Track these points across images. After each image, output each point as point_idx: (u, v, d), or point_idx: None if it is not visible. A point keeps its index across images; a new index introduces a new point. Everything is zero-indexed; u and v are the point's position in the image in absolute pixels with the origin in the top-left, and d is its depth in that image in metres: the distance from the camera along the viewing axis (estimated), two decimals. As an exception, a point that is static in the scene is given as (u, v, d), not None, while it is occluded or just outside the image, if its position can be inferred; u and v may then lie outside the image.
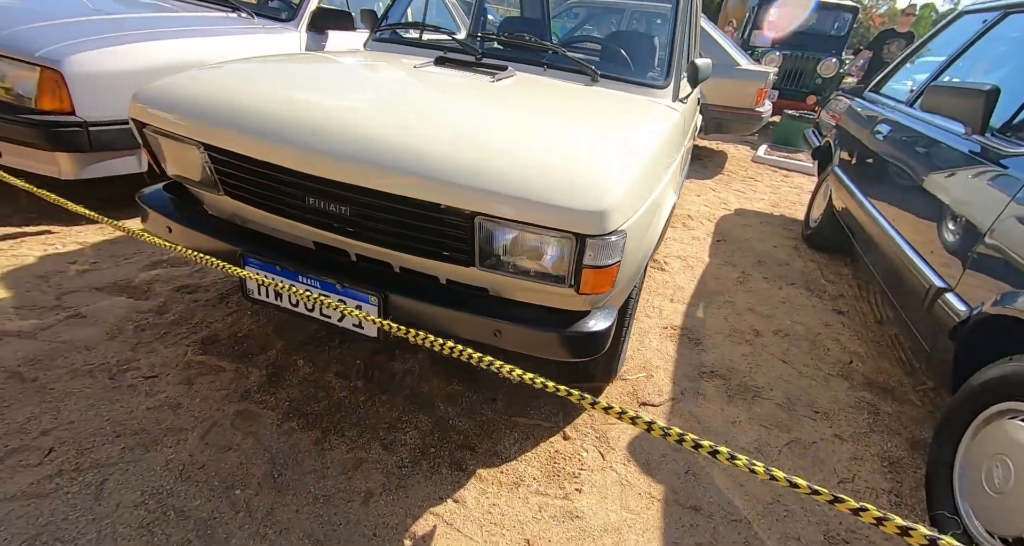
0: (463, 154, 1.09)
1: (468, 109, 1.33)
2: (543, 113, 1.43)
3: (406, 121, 1.20)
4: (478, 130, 1.20)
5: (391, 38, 2.11)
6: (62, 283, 1.83)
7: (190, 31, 2.33)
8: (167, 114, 1.26)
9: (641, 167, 1.19)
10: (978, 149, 1.66)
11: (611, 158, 1.17)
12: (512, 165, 1.08)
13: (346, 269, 1.29)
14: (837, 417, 1.78)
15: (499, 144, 1.14)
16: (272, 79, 1.44)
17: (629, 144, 1.26)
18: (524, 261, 1.12)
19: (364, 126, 1.15)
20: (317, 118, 1.18)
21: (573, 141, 1.23)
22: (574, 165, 1.10)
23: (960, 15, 2.71)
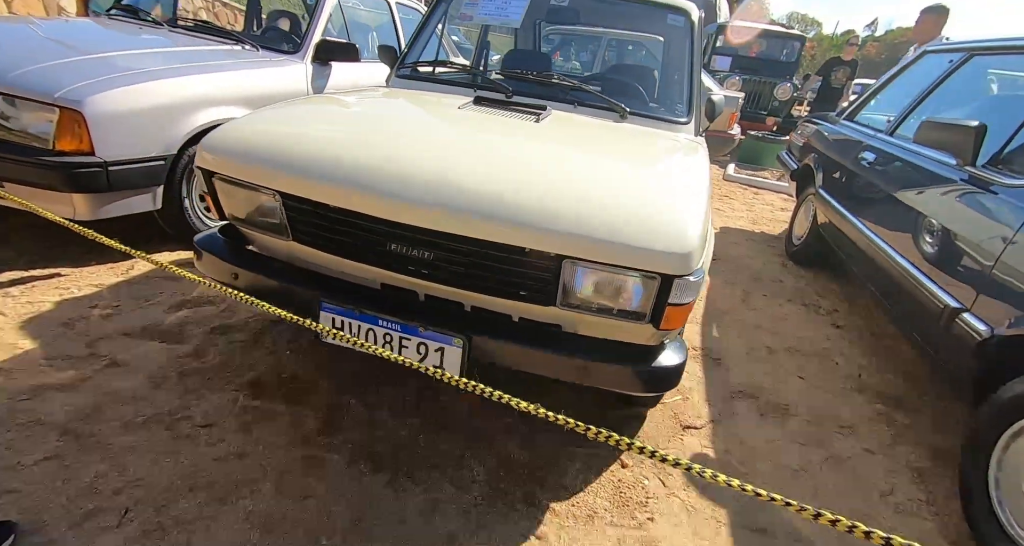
0: (550, 200, 1.15)
1: (533, 152, 1.39)
2: (597, 153, 1.50)
3: (485, 167, 1.24)
4: (553, 175, 1.26)
5: (413, 75, 2.16)
6: (88, 330, 1.76)
7: (202, 67, 2.31)
8: (242, 164, 1.27)
9: (704, 205, 1.27)
10: (971, 179, 1.85)
11: (683, 199, 1.25)
12: (597, 209, 1.14)
13: (417, 309, 1.32)
14: (861, 430, 1.90)
15: (579, 189, 1.20)
16: (338, 122, 1.47)
17: (690, 184, 1.35)
18: (606, 300, 1.18)
19: (450, 173, 1.19)
20: (402, 166, 1.21)
21: (640, 182, 1.31)
22: (654, 208, 1.18)
23: (923, 54, 3.00)
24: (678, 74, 2.18)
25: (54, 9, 6.34)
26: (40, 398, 1.44)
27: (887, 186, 2.35)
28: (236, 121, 1.41)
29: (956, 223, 1.79)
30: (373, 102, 1.79)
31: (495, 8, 2.16)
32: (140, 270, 2.19)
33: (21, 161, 1.82)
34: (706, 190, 1.36)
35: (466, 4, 2.20)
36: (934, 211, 1.93)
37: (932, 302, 1.76)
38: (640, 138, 1.76)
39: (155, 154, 2.09)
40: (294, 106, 1.61)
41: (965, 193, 1.83)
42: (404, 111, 1.70)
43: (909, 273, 1.97)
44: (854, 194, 2.73)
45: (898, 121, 2.72)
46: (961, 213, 1.79)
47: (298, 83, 2.76)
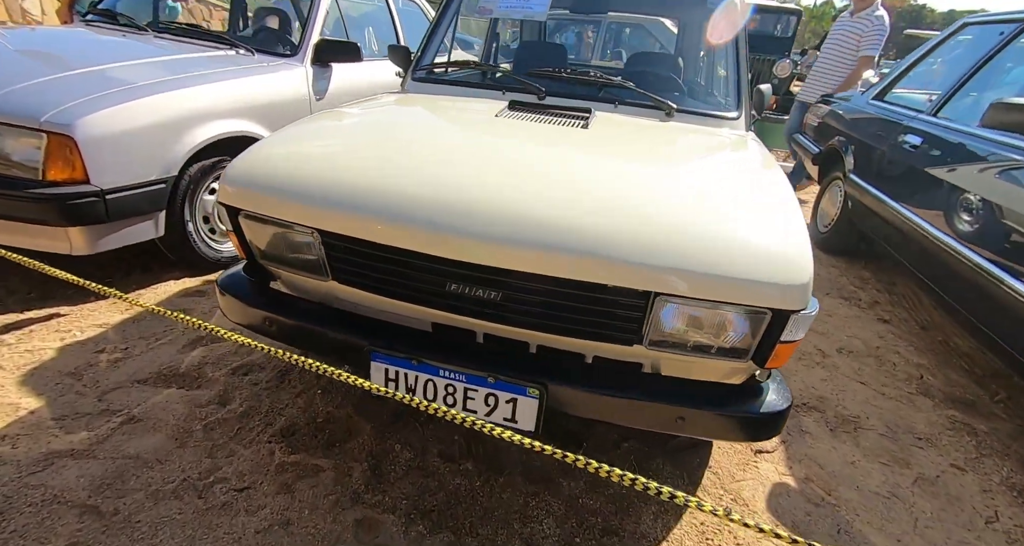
0: (638, 229, 0.99)
1: (597, 168, 1.22)
2: (665, 164, 1.34)
3: (555, 191, 1.07)
4: (631, 196, 1.09)
5: (430, 78, 1.97)
6: (98, 379, 1.59)
7: (198, 77, 2.10)
8: (275, 199, 1.09)
9: (804, 222, 1.11)
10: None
11: (782, 217, 1.09)
12: (692, 237, 0.98)
13: (475, 352, 1.16)
14: (941, 442, 1.77)
15: (664, 212, 1.04)
16: (374, 142, 1.28)
17: (780, 196, 1.19)
18: (703, 338, 1.02)
19: (520, 203, 1.02)
20: (461, 196, 1.04)
21: (728, 199, 1.14)
22: (756, 232, 1.02)
23: (964, 26, 2.82)
24: (722, 63, 2.00)
25: (17, 12, 6.02)
26: (53, 469, 1.27)
27: (946, 174, 2.19)
28: (261, 147, 1.23)
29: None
30: (401, 114, 1.60)
31: (517, 1, 1.97)
32: (146, 303, 2.00)
33: (6, 194, 1.63)
34: (796, 201, 1.20)
35: (485, -4, 2.00)
36: (1015, 202, 1.77)
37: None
38: (699, 141, 1.59)
39: (155, 177, 1.90)
40: (319, 125, 1.42)
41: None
42: (439, 124, 1.51)
43: (990, 273, 1.82)
44: (901, 181, 2.57)
45: (942, 100, 2.56)
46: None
47: (299, 88, 2.56)
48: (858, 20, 3.70)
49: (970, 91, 2.52)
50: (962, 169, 2.13)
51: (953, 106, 2.50)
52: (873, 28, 3.65)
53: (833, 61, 3.81)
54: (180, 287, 2.14)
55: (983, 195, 1.95)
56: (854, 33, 3.71)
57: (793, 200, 1.20)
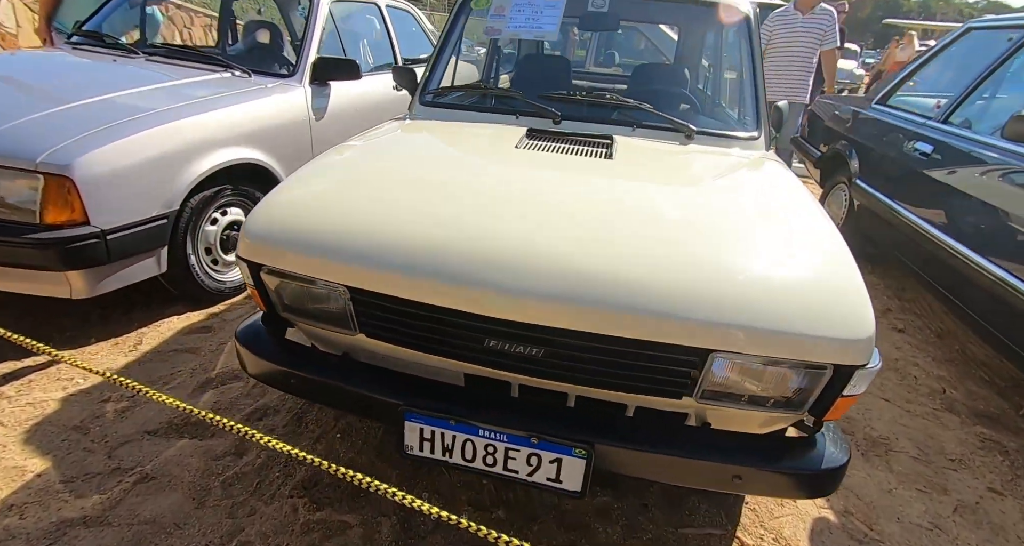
0: (691, 281, 0.93)
1: (634, 209, 1.16)
2: (701, 200, 1.27)
3: (597, 239, 1.02)
4: (671, 241, 1.04)
5: (438, 102, 1.91)
6: (106, 433, 1.51)
7: (196, 105, 2.02)
8: (301, 255, 1.03)
9: (854, 263, 1.07)
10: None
11: (835, 261, 1.04)
12: (748, 289, 0.93)
13: (512, 406, 1.11)
14: (974, 463, 1.74)
15: (715, 260, 0.99)
16: (396, 183, 1.21)
17: (826, 232, 1.14)
18: (759, 391, 0.98)
19: (565, 256, 0.97)
20: (501, 248, 0.98)
21: (776, 240, 1.09)
22: (812, 280, 0.97)
23: (967, 30, 2.80)
24: (737, 82, 1.96)
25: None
26: (65, 540, 1.20)
27: (964, 183, 2.17)
28: (280, 196, 1.16)
29: None
30: (418, 149, 1.52)
31: (526, 20, 1.91)
32: (150, 343, 1.93)
33: (3, 241, 1.54)
34: (839, 235, 1.15)
35: (492, 17, 1.94)
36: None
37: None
38: (726, 168, 1.54)
39: (156, 213, 1.82)
40: (336, 166, 1.35)
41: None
42: (460, 159, 1.44)
43: (1010, 284, 1.79)
44: (913, 189, 2.54)
45: (951, 107, 2.54)
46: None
47: (298, 109, 2.48)
48: (812, 17, 3.81)
49: (979, 97, 2.50)
50: (981, 179, 2.11)
51: (963, 113, 2.48)
52: (831, 23, 3.82)
53: (800, 59, 3.88)
54: (184, 323, 2.06)
55: (1003, 206, 1.93)
56: (815, 30, 3.81)
57: (837, 235, 1.15)
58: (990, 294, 1.91)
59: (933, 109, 2.69)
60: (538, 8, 1.92)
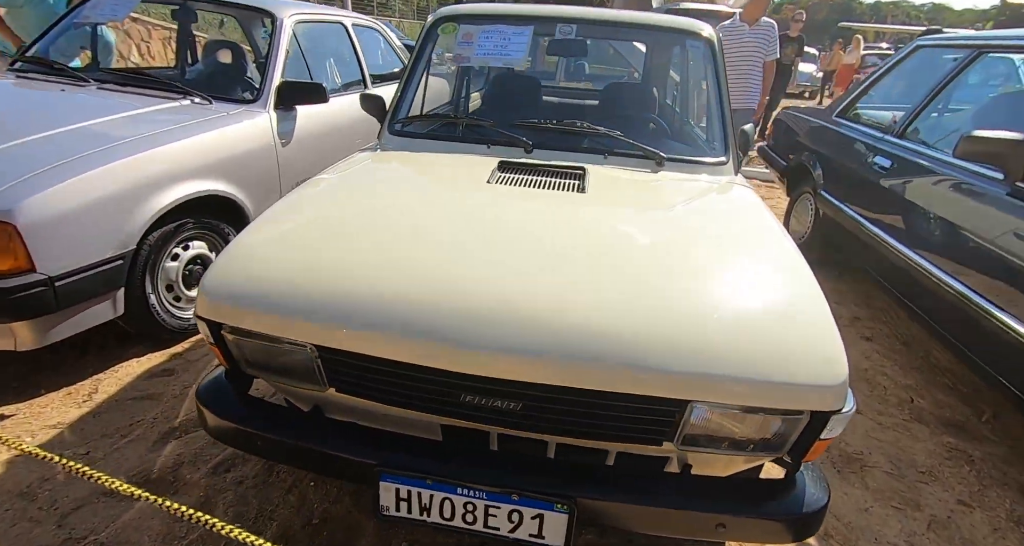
0: (665, 333, 0.92)
1: (609, 251, 1.14)
2: (672, 236, 1.27)
3: (577, 289, 1.00)
4: (648, 288, 1.02)
5: (407, 132, 1.87)
6: (56, 498, 1.41)
7: (153, 138, 1.92)
8: (264, 314, 0.98)
9: (825, 302, 1.08)
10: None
11: (805, 299, 1.05)
12: (724, 337, 0.93)
13: (491, 459, 1.08)
14: (943, 474, 1.79)
15: (689, 306, 0.98)
16: (365, 229, 1.16)
17: (796, 273, 1.15)
18: (738, 436, 0.97)
19: (543, 310, 0.94)
20: (476, 303, 0.95)
21: (750, 281, 1.09)
22: (786, 325, 0.97)
23: (916, 48, 2.92)
24: (704, 106, 1.98)
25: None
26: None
27: (921, 199, 2.24)
28: (240, 248, 1.11)
29: (1022, 249, 1.68)
30: (387, 187, 1.47)
31: (493, 47, 1.89)
32: (106, 391, 1.82)
33: (-65, 294, 1.43)
34: (810, 272, 1.16)
35: (460, 44, 1.92)
36: (987, 229, 1.82)
37: (1018, 341, 1.65)
38: (698, 198, 1.55)
39: (110, 254, 1.72)
40: (301, 210, 1.29)
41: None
42: (430, 198, 1.40)
43: (972, 301, 1.86)
44: (874, 202, 2.62)
45: (906, 122, 2.63)
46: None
47: (263, 136, 2.40)
48: (758, 29, 4.05)
49: (931, 114, 2.61)
50: (937, 195, 2.19)
51: (917, 128, 2.58)
52: (774, 34, 4.07)
53: (748, 68, 4.09)
54: (145, 366, 1.96)
55: (956, 220, 2.01)
56: (760, 40, 4.04)
57: (807, 270, 1.16)
58: (948, 305, 1.97)
59: (890, 122, 2.78)
60: (506, 35, 1.91)
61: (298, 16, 2.76)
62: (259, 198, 2.39)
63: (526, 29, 1.92)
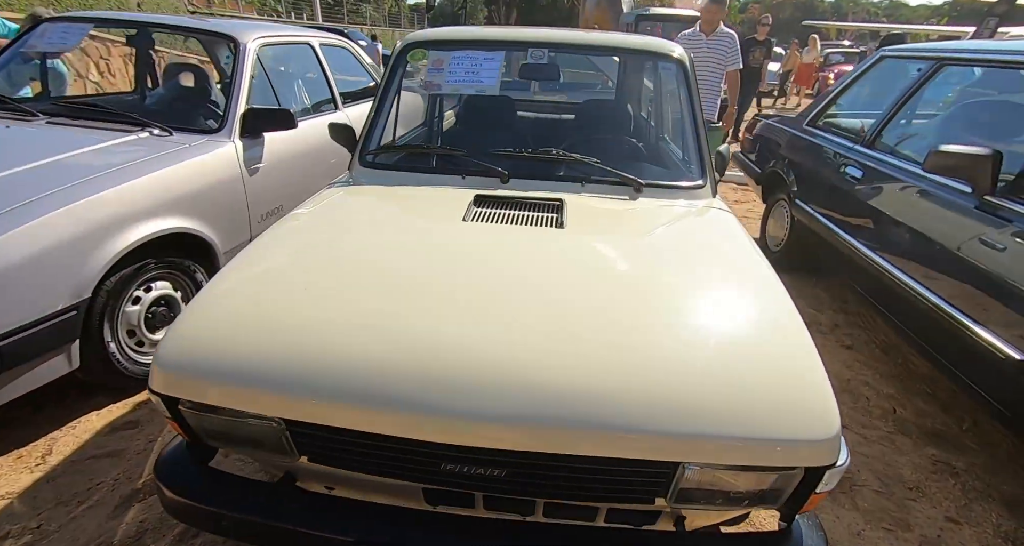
0: (653, 391, 0.89)
1: (587, 298, 1.09)
2: (655, 276, 1.23)
3: (551, 345, 0.95)
4: (632, 339, 0.98)
5: (378, 163, 1.81)
6: (9, 578, 1.31)
7: (108, 177, 1.82)
8: (223, 387, 0.91)
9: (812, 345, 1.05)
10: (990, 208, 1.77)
11: (794, 345, 1.02)
12: (714, 394, 0.89)
13: (476, 525, 1.02)
14: (930, 490, 1.79)
15: (676, 363, 0.94)
16: (333, 288, 1.09)
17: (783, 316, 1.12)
18: (732, 491, 0.94)
19: (524, 370, 0.90)
20: (447, 365, 0.90)
21: (737, 325, 1.06)
22: (775, 376, 0.94)
23: (881, 59, 2.98)
24: (678, 128, 1.97)
25: None
26: None
27: (893, 212, 2.27)
28: (197, 312, 1.03)
29: (1000, 266, 1.70)
30: (357, 229, 1.39)
31: (465, 74, 1.85)
32: (63, 451, 1.70)
33: None
34: (795, 309, 1.14)
35: (430, 71, 1.87)
36: (966, 249, 1.84)
37: (992, 353, 1.66)
38: (678, 228, 1.52)
39: (63, 306, 1.62)
40: (264, 260, 1.21)
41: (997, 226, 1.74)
42: (405, 242, 1.32)
43: (946, 313, 1.88)
44: (847, 213, 2.65)
45: (873, 132, 2.67)
46: (1006, 257, 1.70)
47: (229, 167, 2.31)
48: (716, 39, 4.06)
49: (898, 124, 2.65)
50: (907, 207, 2.22)
51: (884, 138, 2.62)
52: (733, 45, 4.06)
53: (707, 78, 4.09)
54: (105, 420, 1.85)
55: (929, 233, 2.04)
56: (718, 51, 4.04)
57: (795, 315, 1.13)
58: (924, 315, 2.00)
59: (858, 131, 2.83)
60: (477, 61, 1.87)
61: (262, 40, 2.67)
62: (227, 232, 2.30)
63: (497, 54, 1.88)
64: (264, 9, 26.67)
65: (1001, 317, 1.68)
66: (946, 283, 1.94)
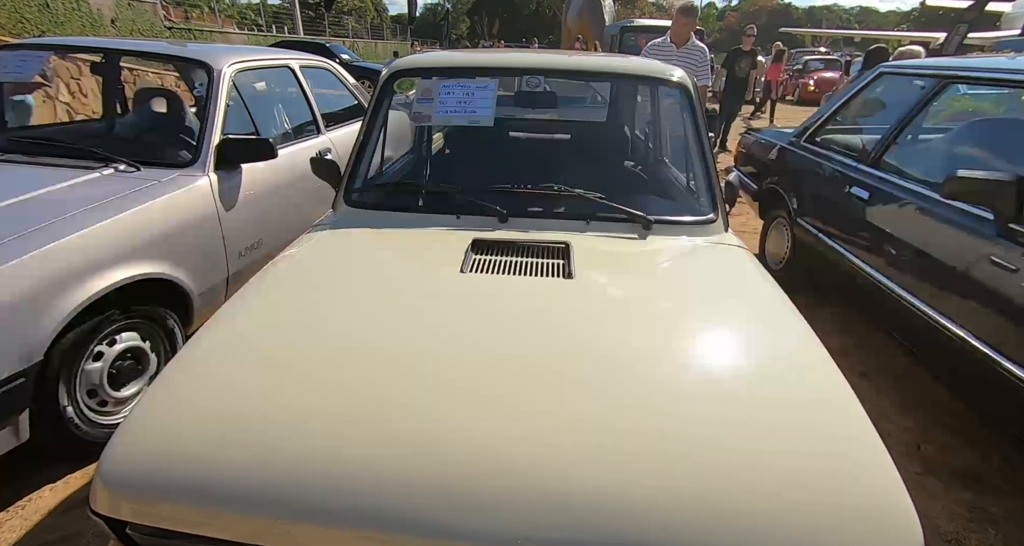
0: (700, 500, 0.74)
1: (614, 378, 0.95)
2: (682, 338, 1.09)
3: (584, 445, 0.80)
4: (676, 437, 0.83)
5: (364, 201, 1.67)
6: None
7: (67, 221, 1.65)
8: (180, 507, 0.75)
9: (871, 425, 0.92)
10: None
11: (861, 441, 0.88)
12: (775, 503, 0.75)
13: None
14: (969, 542, 1.67)
15: (732, 464, 0.80)
16: (324, 368, 0.93)
17: (834, 391, 0.99)
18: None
19: (537, 476, 0.75)
20: (461, 474, 0.75)
21: (793, 417, 0.91)
22: (839, 469, 0.81)
23: (880, 75, 2.91)
24: (683, 157, 1.85)
25: None
26: None
27: (908, 236, 2.18)
28: (148, 409, 0.87)
29: (1017, 290, 1.61)
30: (345, 286, 1.22)
31: (457, 104, 1.71)
32: (7, 539, 1.50)
33: None
34: (843, 378, 1.01)
35: (419, 101, 1.73)
36: (982, 272, 1.75)
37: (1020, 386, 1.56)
38: (697, 274, 1.39)
39: (8, 372, 1.44)
40: (234, 331, 1.05)
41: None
42: (397, 304, 1.15)
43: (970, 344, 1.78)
44: (856, 236, 2.56)
45: (879, 151, 2.58)
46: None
47: (203, 203, 2.14)
48: (686, 51, 3.97)
49: (902, 141, 2.57)
50: (923, 232, 2.12)
51: (890, 157, 2.53)
52: (703, 59, 3.99)
53: None
54: (61, 495, 1.65)
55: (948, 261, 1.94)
56: (688, 63, 3.94)
57: (843, 382, 1.00)
58: (947, 346, 1.89)
59: (859, 148, 2.74)
60: (469, 90, 1.73)
61: (238, 65, 2.52)
62: (202, 273, 2.12)
63: (491, 83, 1.75)
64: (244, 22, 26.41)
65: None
66: (970, 312, 1.84)
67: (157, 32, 13.30)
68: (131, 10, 12.54)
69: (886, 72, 2.88)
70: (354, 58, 15.57)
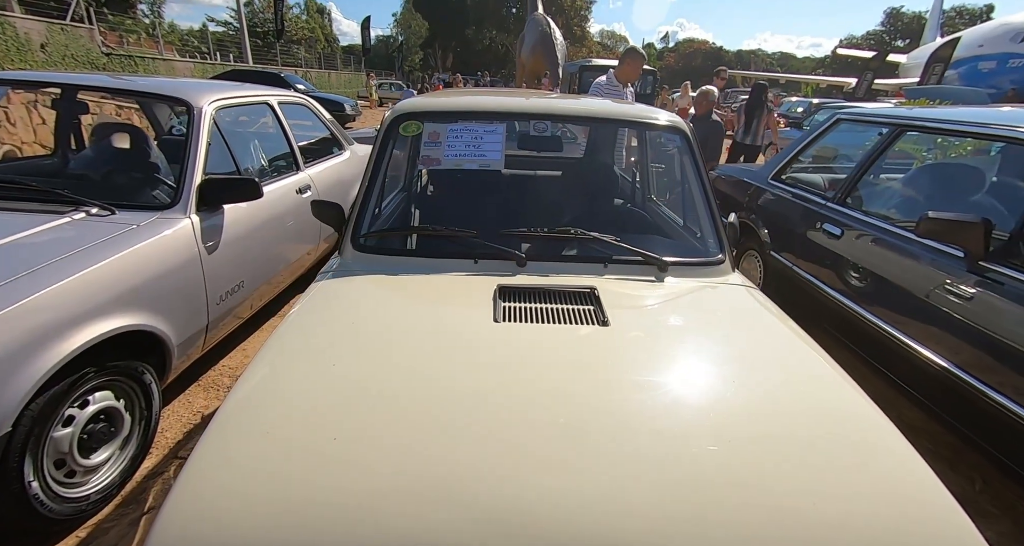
0: None
1: (668, 434, 0.92)
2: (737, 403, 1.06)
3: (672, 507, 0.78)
4: (743, 493, 0.82)
5: (371, 245, 1.61)
6: None
7: (34, 276, 1.48)
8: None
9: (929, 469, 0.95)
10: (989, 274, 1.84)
11: (918, 480, 0.90)
12: None
13: None
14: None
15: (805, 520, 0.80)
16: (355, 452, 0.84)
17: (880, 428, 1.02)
18: None
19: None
20: None
21: (852, 463, 0.93)
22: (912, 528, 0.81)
23: (837, 121, 3.17)
24: (691, 201, 1.92)
25: None
26: None
27: (880, 270, 2.33)
28: (188, 494, 0.76)
29: (986, 321, 1.75)
30: (371, 342, 1.15)
31: (465, 148, 1.71)
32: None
33: None
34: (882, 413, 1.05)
35: (426, 144, 1.71)
36: (954, 305, 1.89)
37: (1010, 417, 1.67)
38: (726, 320, 1.41)
39: (-33, 452, 1.25)
40: (269, 405, 0.95)
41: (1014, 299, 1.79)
42: (435, 362, 1.08)
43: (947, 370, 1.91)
44: (829, 269, 2.72)
45: (845, 190, 2.78)
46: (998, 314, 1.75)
47: (185, 248, 2.00)
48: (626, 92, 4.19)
49: (865, 181, 2.79)
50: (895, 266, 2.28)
51: (855, 196, 2.74)
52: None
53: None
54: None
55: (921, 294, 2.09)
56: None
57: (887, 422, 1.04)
58: (923, 372, 2.02)
59: (823, 188, 2.95)
60: (477, 134, 1.74)
61: (219, 102, 2.42)
62: (182, 321, 1.97)
63: (499, 126, 1.76)
64: (186, 49, 25.59)
65: (1005, 377, 1.71)
66: (943, 340, 1.97)
67: (93, 59, 12.63)
68: (64, 34, 11.89)
69: (843, 119, 3.14)
70: (310, 88, 15.43)
